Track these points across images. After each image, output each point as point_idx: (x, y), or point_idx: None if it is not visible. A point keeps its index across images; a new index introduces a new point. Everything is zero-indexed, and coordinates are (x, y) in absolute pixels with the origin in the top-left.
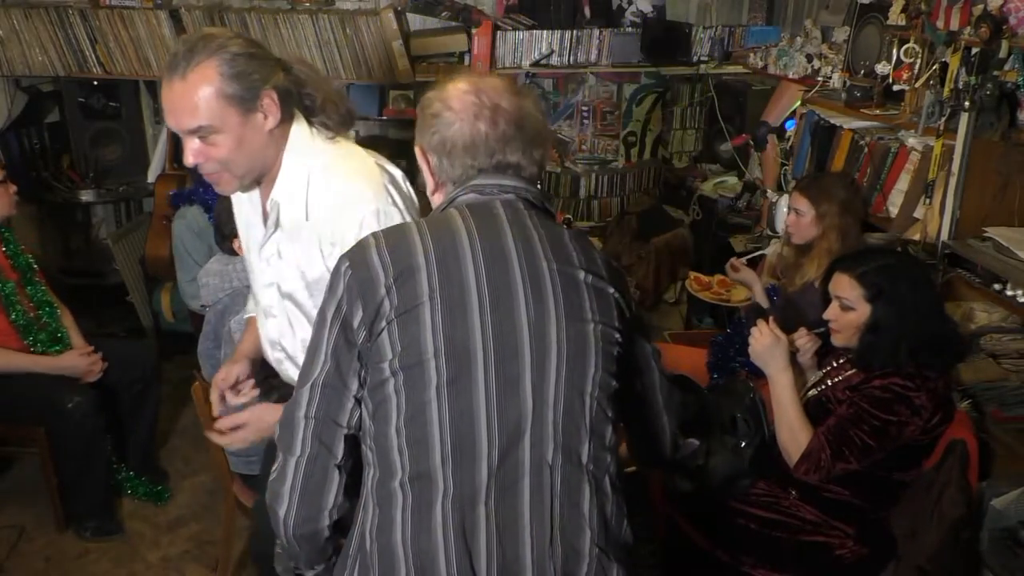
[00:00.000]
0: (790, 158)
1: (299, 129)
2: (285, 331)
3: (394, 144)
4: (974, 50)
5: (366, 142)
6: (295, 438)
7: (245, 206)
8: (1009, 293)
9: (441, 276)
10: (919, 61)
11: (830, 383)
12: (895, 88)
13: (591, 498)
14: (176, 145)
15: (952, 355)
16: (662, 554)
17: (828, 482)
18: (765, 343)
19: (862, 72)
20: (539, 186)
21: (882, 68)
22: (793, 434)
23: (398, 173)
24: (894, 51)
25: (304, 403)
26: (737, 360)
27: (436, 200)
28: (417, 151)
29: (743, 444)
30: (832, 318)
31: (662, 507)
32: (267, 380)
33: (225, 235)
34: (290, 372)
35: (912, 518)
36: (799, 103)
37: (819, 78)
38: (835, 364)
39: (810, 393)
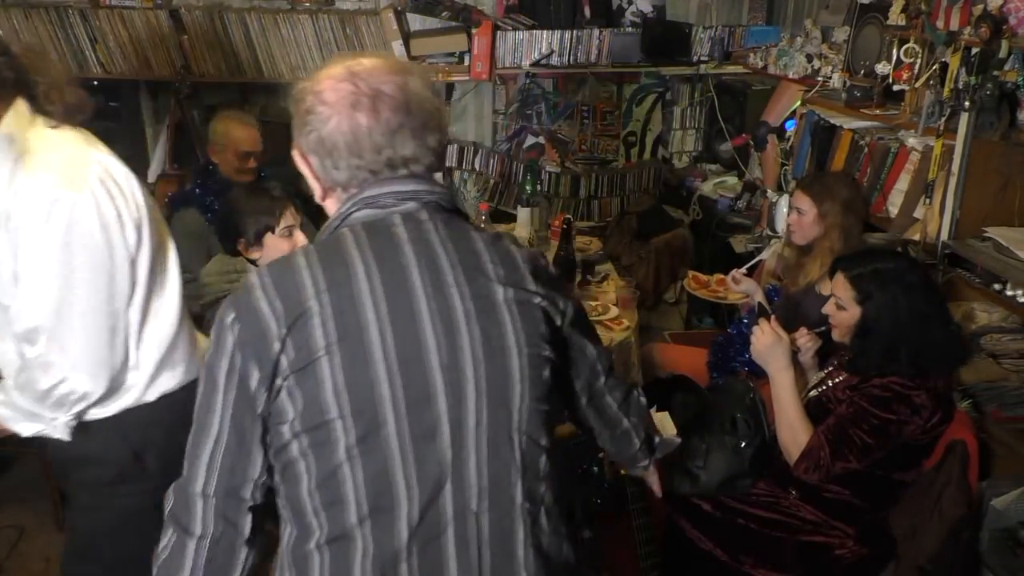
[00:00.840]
0: (790, 158)
1: (15, 115)
2: None
3: None
4: (974, 50)
5: None
6: (193, 518)
7: None
8: (1009, 293)
9: (337, 322)
10: (919, 61)
11: (831, 383)
12: (895, 88)
13: (526, 539)
14: (176, 145)
15: (954, 360)
16: (662, 554)
17: (828, 481)
18: (766, 342)
19: (862, 72)
20: (439, 176)
21: (882, 68)
22: (793, 433)
23: (120, 171)
24: (894, 51)
25: (200, 479)
26: (737, 360)
27: (330, 208)
28: (295, 154)
29: (743, 444)
30: (829, 314)
31: (662, 507)
32: None
33: (230, 235)
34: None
35: (912, 518)
36: (799, 103)
37: (819, 78)
38: (836, 364)
39: (811, 393)
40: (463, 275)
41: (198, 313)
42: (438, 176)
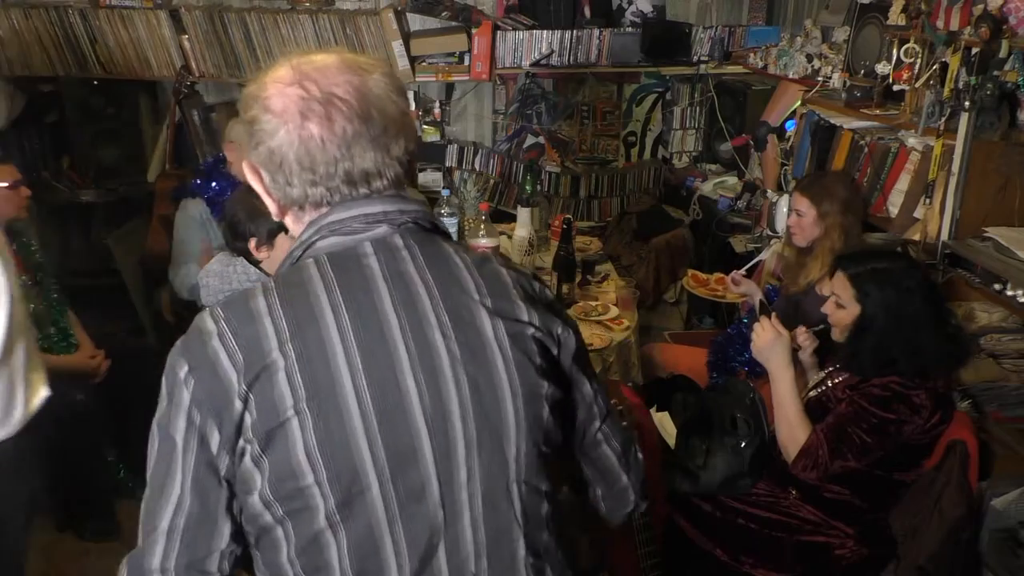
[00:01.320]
0: (790, 158)
1: None
2: None
3: None
4: (974, 50)
5: None
6: None
7: None
8: (1009, 293)
9: (306, 376)
10: (919, 61)
11: (831, 384)
12: (895, 88)
13: None
14: (176, 145)
15: (953, 361)
16: (662, 554)
17: (829, 481)
18: (767, 339)
19: (862, 72)
20: (405, 186)
21: (882, 68)
22: (792, 431)
23: None
24: (894, 51)
25: (158, 552)
26: (737, 360)
27: (291, 225)
28: (245, 167)
29: (743, 444)
30: (828, 313)
31: (662, 507)
32: None
33: (240, 235)
34: None
35: (912, 518)
36: (799, 103)
37: (819, 78)
38: (837, 365)
39: (811, 393)
40: (446, 311)
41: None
42: (444, 178)
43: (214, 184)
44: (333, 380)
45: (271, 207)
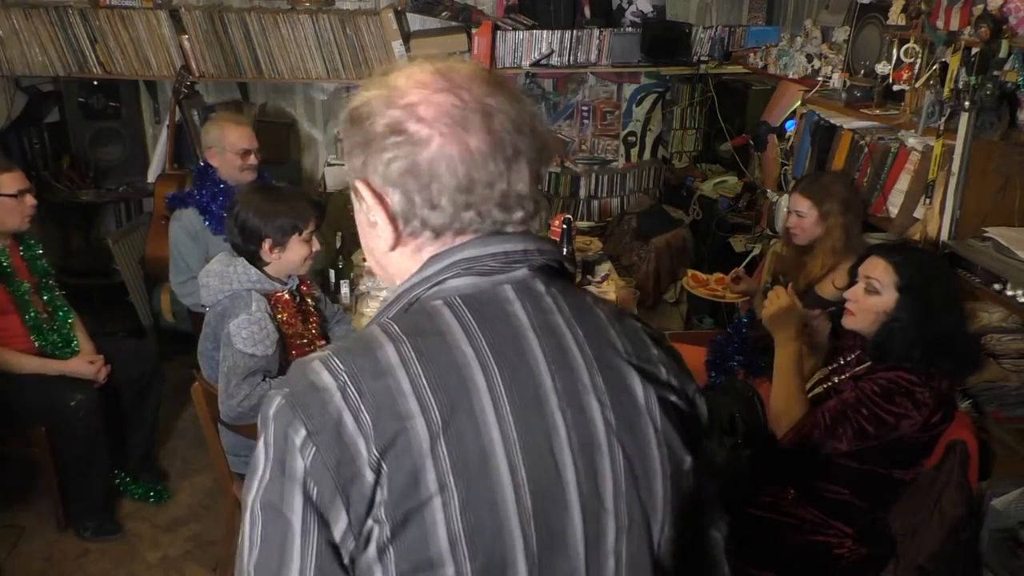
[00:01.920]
0: (790, 158)
1: None
2: None
3: None
4: (974, 50)
5: None
6: None
7: None
8: (1009, 293)
9: (452, 446)
10: (919, 61)
11: (836, 380)
12: (895, 88)
13: None
14: (176, 145)
15: (969, 367)
16: None
17: (829, 481)
18: (781, 305)
19: (862, 72)
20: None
21: (882, 68)
22: (788, 403)
23: None
24: (894, 51)
25: None
26: (736, 359)
27: (403, 260)
28: (361, 187)
29: (742, 444)
30: (852, 298)
31: None
32: None
33: (252, 237)
34: None
35: (912, 518)
36: (799, 103)
37: (819, 78)
38: (842, 361)
39: (817, 391)
40: (600, 374)
41: (198, 313)
42: None
43: (205, 192)
44: (485, 451)
45: (386, 237)
